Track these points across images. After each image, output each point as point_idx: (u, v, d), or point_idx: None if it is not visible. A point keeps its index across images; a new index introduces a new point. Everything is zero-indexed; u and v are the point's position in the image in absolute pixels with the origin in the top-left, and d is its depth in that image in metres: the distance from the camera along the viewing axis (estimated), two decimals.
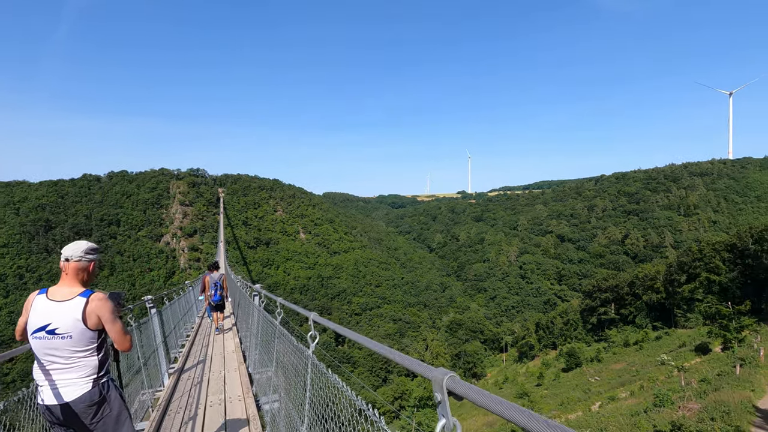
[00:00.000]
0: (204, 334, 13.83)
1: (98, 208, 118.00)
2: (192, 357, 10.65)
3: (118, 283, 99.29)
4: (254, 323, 8.01)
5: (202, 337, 13.33)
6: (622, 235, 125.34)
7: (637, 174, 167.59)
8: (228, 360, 9.93)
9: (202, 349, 11.51)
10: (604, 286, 66.23)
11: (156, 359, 8.04)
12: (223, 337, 12.87)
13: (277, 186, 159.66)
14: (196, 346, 11.94)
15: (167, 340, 9.64)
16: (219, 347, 11.50)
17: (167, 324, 10.07)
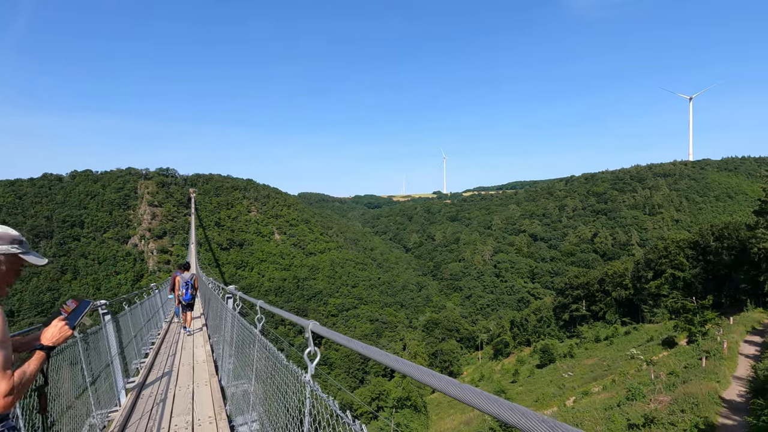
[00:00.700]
0: (171, 341, 12.58)
1: (60, 209, 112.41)
2: (156, 369, 9.41)
3: (82, 287, 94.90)
4: (227, 329, 7.14)
5: (169, 345, 12.13)
6: (592, 234, 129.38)
7: (605, 175, 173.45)
8: (198, 372, 8.76)
9: (169, 359, 10.30)
10: (575, 284, 68.03)
11: (111, 374, 6.91)
12: (193, 343, 11.95)
13: (251, 186, 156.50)
14: (161, 355, 10.74)
15: (126, 350, 8.69)
16: (188, 356, 10.40)
17: (126, 332, 8.98)
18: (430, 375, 1.38)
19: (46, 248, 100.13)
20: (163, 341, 12.67)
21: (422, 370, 1.49)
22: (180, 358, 10.32)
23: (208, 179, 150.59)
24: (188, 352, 10.96)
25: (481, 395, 1.09)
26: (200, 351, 10.86)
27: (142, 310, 12.17)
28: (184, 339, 12.59)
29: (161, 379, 8.39)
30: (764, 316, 33.91)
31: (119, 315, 8.51)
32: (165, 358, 10.42)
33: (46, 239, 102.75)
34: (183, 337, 12.87)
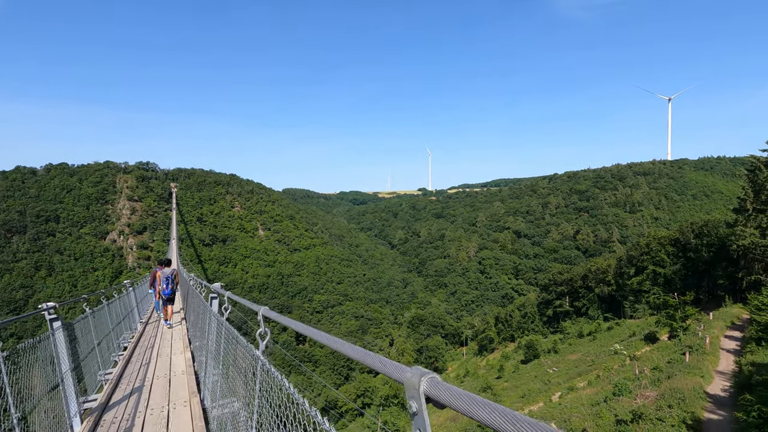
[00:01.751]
0: (146, 346, 11.29)
1: (34, 204, 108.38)
2: (125, 383, 8.08)
3: (57, 284, 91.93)
4: (212, 339, 5.89)
5: (144, 350, 10.82)
6: (574, 231, 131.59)
7: (587, 173, 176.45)
8: (175, 388, 7.59)
9: (142, 369, 9.00)
10: (559, 280, 68.89)
11: (61, 396, 5.60)
12: (171, 348, 10.98)
13: (234, 181, 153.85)
14: (133, 364, 9.46)
15: (87, 362, 7.47)
16: (164, 365, 9.16)
17: (87, 339, 7.74)
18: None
19: (19, 244, 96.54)
20: (137, 346, 11.50)
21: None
22: (155, 368, 9.03)
23: (190, 174, 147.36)
24: (165, 360, 9.74)
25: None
26: (179, 359, 9.54)
27: (111, 312, 10.76)
28: (161, 344, 11.48)
29: (129, 397, 7.12)
30: (743, 311, 34.71)
31: (75, 320, 7.17)
32: (137, 367, 9.15)
33: (19, 234, 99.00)
34: (159, 341, 11.82)
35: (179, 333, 12.45)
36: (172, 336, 12.12)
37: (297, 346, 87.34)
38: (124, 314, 13.18)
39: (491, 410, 0.89)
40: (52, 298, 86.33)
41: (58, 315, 5.73)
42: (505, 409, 0.91)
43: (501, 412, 0.90)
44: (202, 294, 8.91)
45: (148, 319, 16.37)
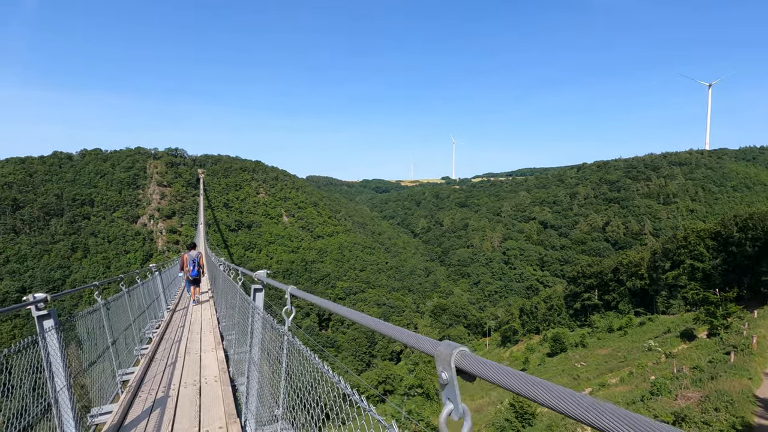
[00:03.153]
0: (173, 340, 9.98)
1: (70, 188, 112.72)
2: (142, 400, 6.62)
3: (92, 266, 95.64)
4: (255, 348, 4.70)
5: (168, 348, 9.30)
6: (603, 223, 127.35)
7: (618, 163, 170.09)
8: (205, 364, 7.52)
9: (164, 379, 7.22)
10: (588, 272, 66.84)
11: None
12: (201, 346, 9.31)
13: (259, 168, 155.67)
14: (154, 371, 7.72)
15: (93, 370, 6.23)
16: (193, 370, 7.56)
17: (98, 340, 6.41)
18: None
19: (56, 226, 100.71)
20: (162, 340, 9.94)
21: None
22: (180, 378, 7.00)
23: (217, 160, 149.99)
24: (193, 361, 7.88)
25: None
26: (211, 366, 7.50)
27: (131, 302, 8.91)
28: (188, 338, 9.95)
29: (147, 419, 5.50)
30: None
31: (77, 316, 5.53)
32: (156, 381, 6.96)
33: (56, 217, 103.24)
34: (187, 334, 10.46)
35: (209, 325, 11.46)
36: (201, 328, 11.29)
37: (320, 332, 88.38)
38: (149, 302, 11.63)
39: (521, 379, 0.97)
40: (87, 278, 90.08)
41: (51, 311, 4.18)
42: (535, 379, 0.92)
43: (532, 381, 0.92)
44: (230, 276, 9.82)
45: (176, 306, 15.62)
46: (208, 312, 13.39)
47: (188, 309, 14.46)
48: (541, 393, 0.89)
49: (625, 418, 0.64)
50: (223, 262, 12.49)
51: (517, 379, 0.97)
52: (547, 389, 0.88)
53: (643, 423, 0.61)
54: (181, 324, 11.87)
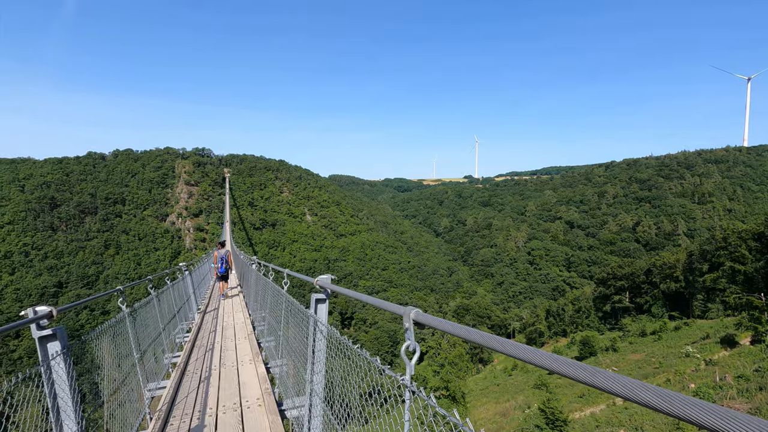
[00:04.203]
0: (205, 347, 9.10)
1: (103, 187, 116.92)
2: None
3: (123, 262, 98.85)
4: (318, 366, 3.98)
5: (200, 361, 8.24)
6: (634, 223, 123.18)
7: (649, 161, 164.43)
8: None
9: (197, 401, 6.44)
10: (619, 274, 64.61)
11: None
12: (237, 366, 7.70)
13: (283, 167, 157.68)
14: (186, 392, 6.72)
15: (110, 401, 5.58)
16: (231, 396, 6.77)
17: (114, 356, 5.47)
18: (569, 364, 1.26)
19: (91, 224, 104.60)
20: (194, 347, 8.95)
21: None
22: (217, 398, 6.07)
23: (242, 159, 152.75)
24: (230, 376, 6.91)
25: None
26: (251, 384, 6.45)
27: (160, 306, 7.96)
28: (222, 346, 9.02)
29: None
30: None
31: (96, 333, 4.42)
32: (190, 402, 6.05)
33: (91, 215, 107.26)
34: (221, 340, 9.54)
35: (243, 330, 10.59)
36: (235, 333, 10.32)
37: (342, 330, 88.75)
38: (179, 305, 10.70)
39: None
40: (119, 275, 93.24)
41: (57, 330, 3.21)
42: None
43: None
44: (266, 274, 9.40)
45: (206, 306, 14.90)
46: (240, 314, 12.94)
47: (219, 310, 13.85)
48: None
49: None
50: (255, 260, 11.90)
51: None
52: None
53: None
54: (212, 328, 11.12)
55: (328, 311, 4.01)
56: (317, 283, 3.89)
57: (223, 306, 14.32)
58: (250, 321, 11.18)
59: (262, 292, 9.20)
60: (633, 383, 0.84)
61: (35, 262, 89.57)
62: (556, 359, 1.15)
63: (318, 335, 3.78)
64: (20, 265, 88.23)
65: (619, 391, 0.87)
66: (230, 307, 14.25)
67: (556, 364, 1.16)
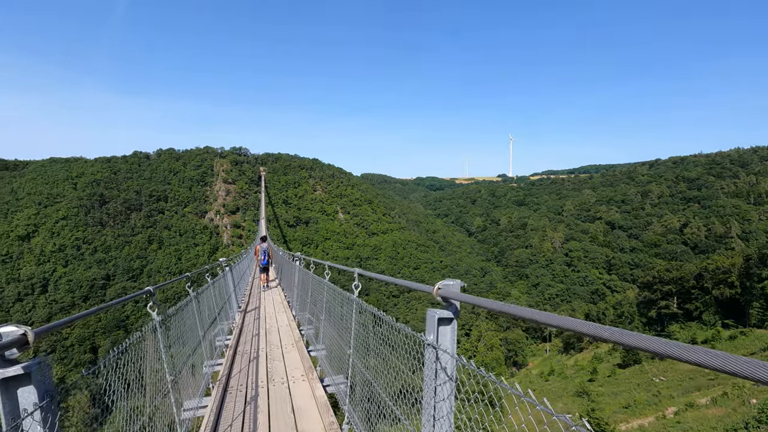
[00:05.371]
0: (249, 356, 7.96)
1: (147, 184, 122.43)
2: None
3: (165, 257, 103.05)
4: (442, 424, 2.60)
5: (245, 371, 7.18)
6: (681, 224, 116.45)
7: (697, 158, 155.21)
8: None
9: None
10: (666, 278, 61.10)
11: None
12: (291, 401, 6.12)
13: (316, 165, 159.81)
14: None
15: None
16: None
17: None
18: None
19: (136, 220, 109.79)
20: (236, 355, 7.87)
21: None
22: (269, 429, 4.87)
23: (277, 158, 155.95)
24: (282, 398, 5.76)
25: None
26: (310, 411, 5.29)
27: (201, 313, 6.83)
28: (268, 354, 7.97)
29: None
30: None
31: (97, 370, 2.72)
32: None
33: (136, 211, 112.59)
34: (266, 347, 8.51)
35: (289, 335, 9.43)
36: (281, 339, 9.12)
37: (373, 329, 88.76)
38: (220, 305, 9.49)
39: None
40: (161, 269, 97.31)
41: (31, 367, 1.91)
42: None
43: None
44: (311, 268, 9.12)
45: (247, 304, 14.22)
46: (283, 314, 12.00)
47: (260, 309, 13.08)
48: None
49: None
50: (300, 256, 10.81)
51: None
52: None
53: None
54: (255, 331, 9.96)
55: (454, 338, 2.51)
56: (438, 293, 2.48)
57: (264, 303, 14.08)
58: (295, 323, 10.42)
59: (314, 295, 8.18)
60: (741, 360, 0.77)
61: (86, 255, 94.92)
62: (632, 335, 1.03)
63: (441, 374, 2.50)
64: (72, 258, 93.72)
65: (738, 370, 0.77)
66: (271, 303, 14.02)
67: (632, 340, 1.04)
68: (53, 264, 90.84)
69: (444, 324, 2.54)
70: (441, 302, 2.52)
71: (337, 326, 5.85)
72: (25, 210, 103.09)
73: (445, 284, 2.52)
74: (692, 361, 0.91)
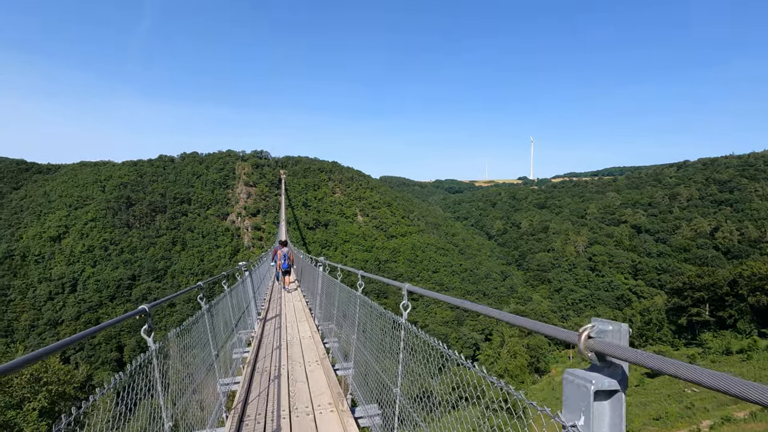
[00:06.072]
0: (268, 372, 7.46)
1: (172, 187, 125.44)
2: None
3: (188, 258, 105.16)
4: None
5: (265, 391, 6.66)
6: (712, 228, 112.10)
7: (729, 160, 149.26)
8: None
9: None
10: (697, 284, 58.71)
11: None
12: None
13: (335, 168, 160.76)
14: None
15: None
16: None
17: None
18: None
19: (160, 222, 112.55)
20: (254, 373, 7.24)
21: None
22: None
23: (297, 161, 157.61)
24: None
25: None
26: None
27: (214, 328, 6.01)
28: (290, 374, 7.29)
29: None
30: None
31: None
32: None
33: (161, 213, 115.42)
34: (287, 364, 7.83)
35: (312, 350, 8.77)
36: (303, 355, 8.47)
37: None
38: (238, 314, 8.79)
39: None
40: (184, 270, 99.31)
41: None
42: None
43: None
44: (338, 276, 8.70)
45: (267, 311, 13.50)
46: (305, 323, 11.33)
47: (280, 317, 12.37)
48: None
49: None
50: (323, 261, 10.19)
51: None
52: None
53: None
54: (275, 344, 9.26)
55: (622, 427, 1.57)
56: (590, 345, 1.56)
57: (285, 310, 13.76)
58: (319, 336, 9.66)
59: (342, 308, 7.58)
60: None
61: (113, 256, 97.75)
62: None
63: None
64: (100, 258, 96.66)
65: None
66: (292, 309, 13.76)
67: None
68: (82, 264, 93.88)
69: (601, 398, 1.54)
70: (586, 355, 1.57)
71: (375, 351, 5.02)
72: (57, 212, 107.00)
73: (600, 329, 1.59)
74: None
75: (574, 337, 1.65)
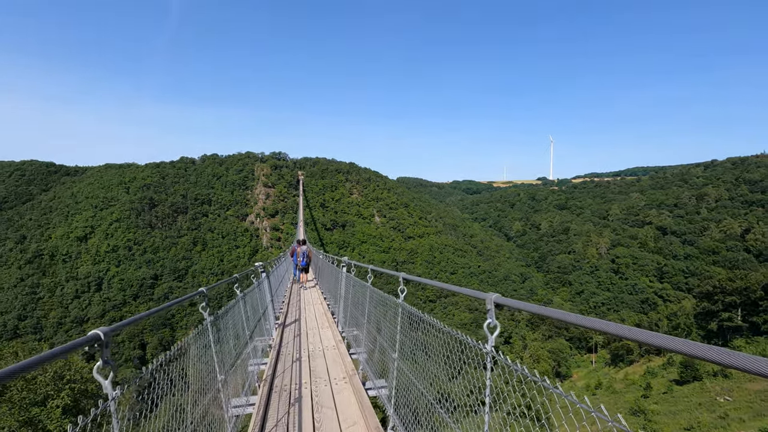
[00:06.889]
0: (288, 385, 6.73)
1: (193, 188, 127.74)
2: None
3: (209, 258, 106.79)
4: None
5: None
6: (743, 229, 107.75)
7: (760, 159, 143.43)
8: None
9: None
10: (728, 288, 56.40)
11: None
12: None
13: (353, 169, 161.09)
14: None
15: None
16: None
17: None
18: None
19: (182, 222, 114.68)
20: (271, 391, 6.37)
21: None
22: None
23: (315, 162, 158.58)
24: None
25: None
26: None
27: (222, 347, 5.03)
28: (313, 391, 6.35)
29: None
30: None
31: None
32: None
33: (182, 214, 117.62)
34: (309, 380, 6.89)
35: (337, 363, 7.82)
36: (327, 367, 7.67)
37: None
38: (254, 321, 7.99)
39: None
40: (205, 270, 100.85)
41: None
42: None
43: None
44: (369, 279, 8.12)
45: (285, 316, 12.66)
46: (328, 330, 10.55)
47: (300, 322, 11.68)
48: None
49: None
50: (348, 262, 9.85)
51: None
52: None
53: None
54: (296, 355, 8.37)
55: None
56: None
57: (305, 313, 13.03)
58: (344, 345, 8.78)
59: (377, 319, 6.83)
60: None
61: (136, 256, 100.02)
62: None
63: None
64: (124, 258, 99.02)
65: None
66: (312, 313, 13.01)
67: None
68: (107, 264, 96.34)
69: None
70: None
71: (420, 371, 4.19)
72: (84, 213, 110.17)
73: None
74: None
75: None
